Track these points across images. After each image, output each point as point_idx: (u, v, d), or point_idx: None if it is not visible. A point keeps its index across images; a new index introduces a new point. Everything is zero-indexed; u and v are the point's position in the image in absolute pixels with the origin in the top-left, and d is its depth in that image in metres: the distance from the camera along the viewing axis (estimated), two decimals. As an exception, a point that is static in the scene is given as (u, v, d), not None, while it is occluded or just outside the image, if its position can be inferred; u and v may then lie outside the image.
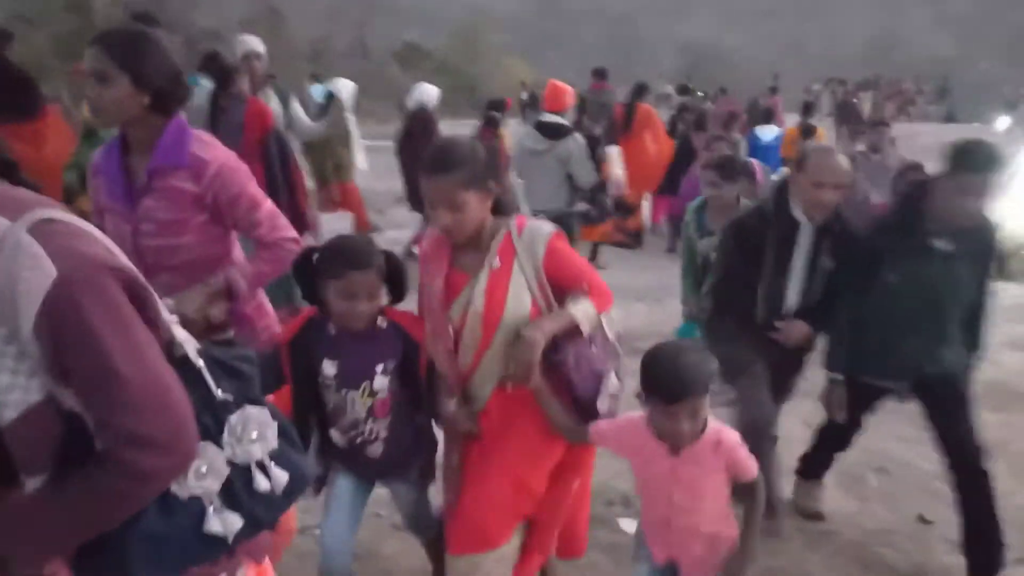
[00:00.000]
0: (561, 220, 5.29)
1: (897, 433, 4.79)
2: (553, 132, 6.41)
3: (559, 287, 2.53)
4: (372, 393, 2.62)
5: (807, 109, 13.03)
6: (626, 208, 8.66)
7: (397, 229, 10.12)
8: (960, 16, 68.77)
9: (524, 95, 23.72)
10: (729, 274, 3.68)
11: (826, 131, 12.62)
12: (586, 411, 2.55)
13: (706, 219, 4.80)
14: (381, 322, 2.65)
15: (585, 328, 2.46)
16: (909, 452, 4.63)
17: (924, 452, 4.05)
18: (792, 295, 3.56)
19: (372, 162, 11.90)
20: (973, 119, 25.06)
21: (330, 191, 7.34)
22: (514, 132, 9.17)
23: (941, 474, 3.54)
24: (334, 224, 6.94)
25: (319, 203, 7.55)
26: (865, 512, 4.07)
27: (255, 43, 5.93)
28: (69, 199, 6.07)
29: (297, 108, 6.17)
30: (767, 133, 11.08)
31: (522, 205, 7.30)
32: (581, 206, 6.62)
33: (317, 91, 22.36)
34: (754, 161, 5.84)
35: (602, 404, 2.54)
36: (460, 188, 2.38)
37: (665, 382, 2.19)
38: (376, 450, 2.70)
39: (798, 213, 3.45)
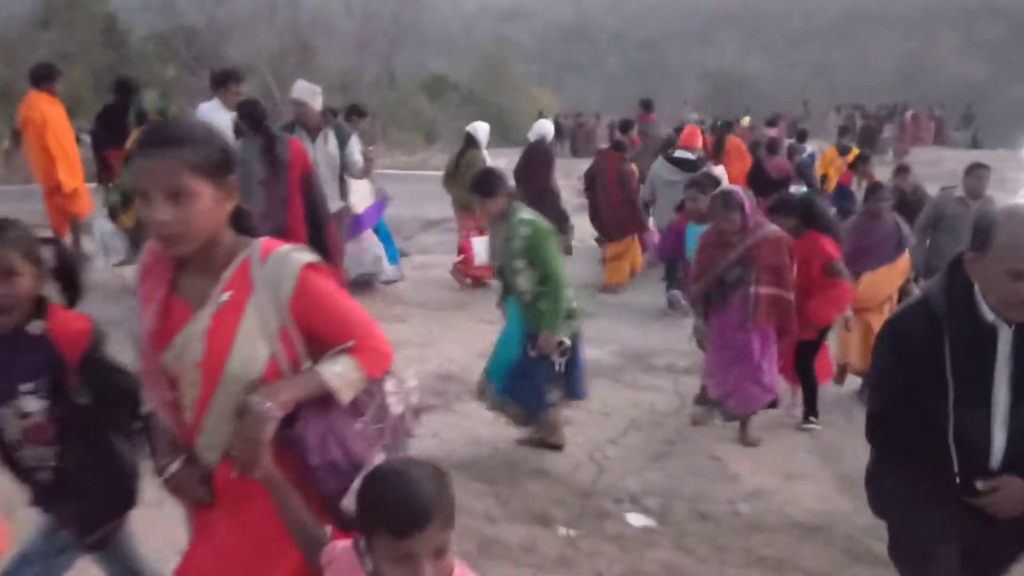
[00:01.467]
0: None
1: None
2: (686, 165, 7.85)
3: (318, 339, 1.86)
4: (24, 415, 2.14)
5: (843, 132, 14.17)
6: None
7: (423, 254, 10.39)
8: (990, 42, 68.36)
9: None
10: (892, 405, 2.45)
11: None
12: (331, 512, 1.85)
13: None
14: (34, 327, 2.15)
15: (343, 396, 1.82)
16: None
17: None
18: (999, 437, 2.29)
19: (399, 190, 12.23)
20: (999, 145, 24.93)
21: (475, 218, 8.03)
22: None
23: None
24: (478, 247, 7.87)
25: (463, 228, 8.39)
26: (859, 511, 4.14)
27: (301, 91, 6.22)
28: (114, 215, 6.59)
29: (353, 148, 6.34)
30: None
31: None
32: None
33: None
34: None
35: (348, 503, 1.76)
36: (187, 171, 1.69)
37: (395, 506, 1.52)
38: (44, 477, 2.25)
39: (987, 311, 2.24)
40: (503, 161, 8.47)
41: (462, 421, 5.08)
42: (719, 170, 8.99)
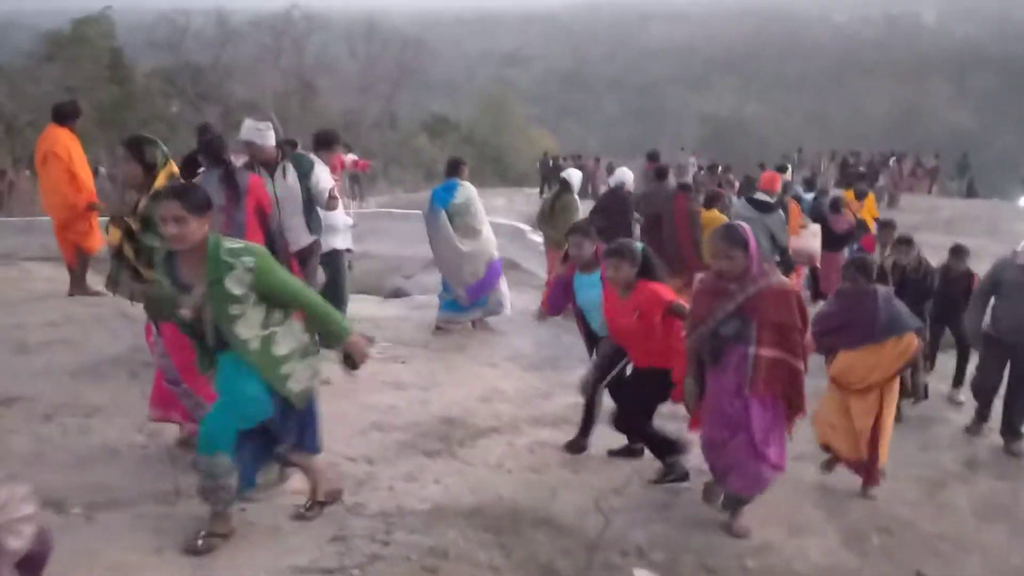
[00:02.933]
0: None
1: (903, 497, 4.85)
2: (764, 207, 8.35)
3: None
4: None
5: (861, 177, 14.13)
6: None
7: (424, 293, 10.37)
8: (982, 91, 69.59)
9: (549, 162, 24.43)
10: None
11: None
12: None
13: None
14: None
15: None
16: (913, 513, 4.69)
17: (929, 514, 4.12)
18: None
19: (399, 229, 12.24)
20: (991, 194, 25.19)
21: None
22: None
23: (944, 535, 3.61)
24: None
25: (552, 268, 8.68)
26: (865, 567, 4.13)
27: (247, 132, 5.82)
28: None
29: (317, 179, 6.13)
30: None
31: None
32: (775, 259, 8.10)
33: (348, 161, 23.21)
34: None
35: None
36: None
37: None
38: None
39: None
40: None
41: (465, 467, 5.02)
42: (815, 227, 9.73)
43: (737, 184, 15.21)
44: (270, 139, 5.66)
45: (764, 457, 4.00)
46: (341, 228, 6.52)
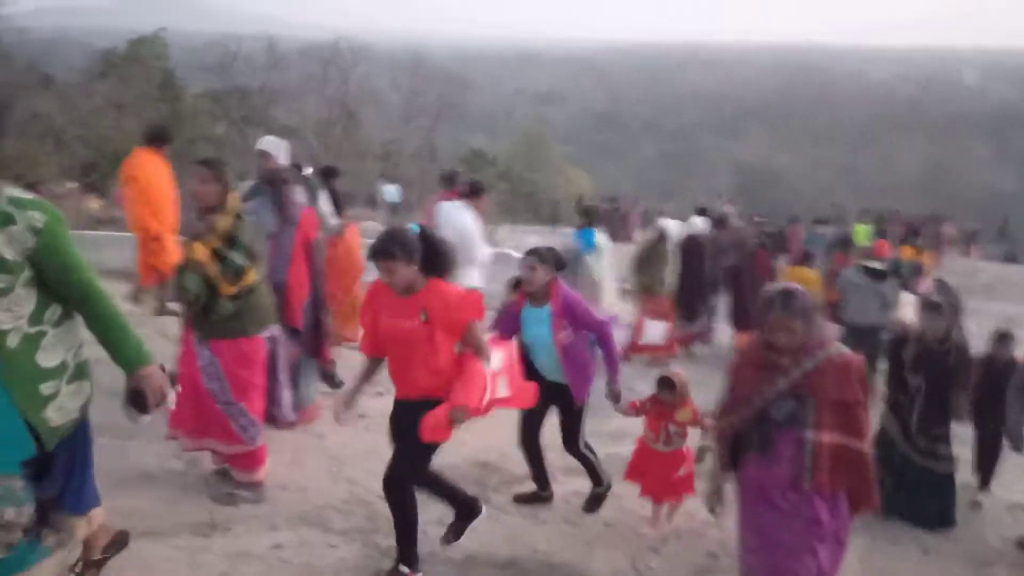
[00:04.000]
0: (872, 331, 7.37)
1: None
2: (876, 274, 8.31)
3: None
4: None
5: (916, 232, 14.29)
6: None
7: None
8: (1019, 151, 68.93)
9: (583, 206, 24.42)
10: None
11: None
12: None
13: None
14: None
15: None
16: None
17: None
18: None
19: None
20: (1034, 259, 24.82)
21: (655, 302, 8.69)
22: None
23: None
24: (653, 329, 8.54)
25: (643, 310, 8.85)
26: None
27: (267, 143, 5.92)
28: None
29: (322, 206, 6.44)
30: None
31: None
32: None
33: (389, 192, 23.25)
34: None
35: None
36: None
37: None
38: None
39: None
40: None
41: (501, 515, 4.99)
42: (911, 299, 9.55)
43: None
44: (283, 156, 5.75)
45: (832, 556, 3.35)
46: (478, 265, 6.71)
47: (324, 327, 5.64)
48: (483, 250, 6.73)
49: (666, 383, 4.65)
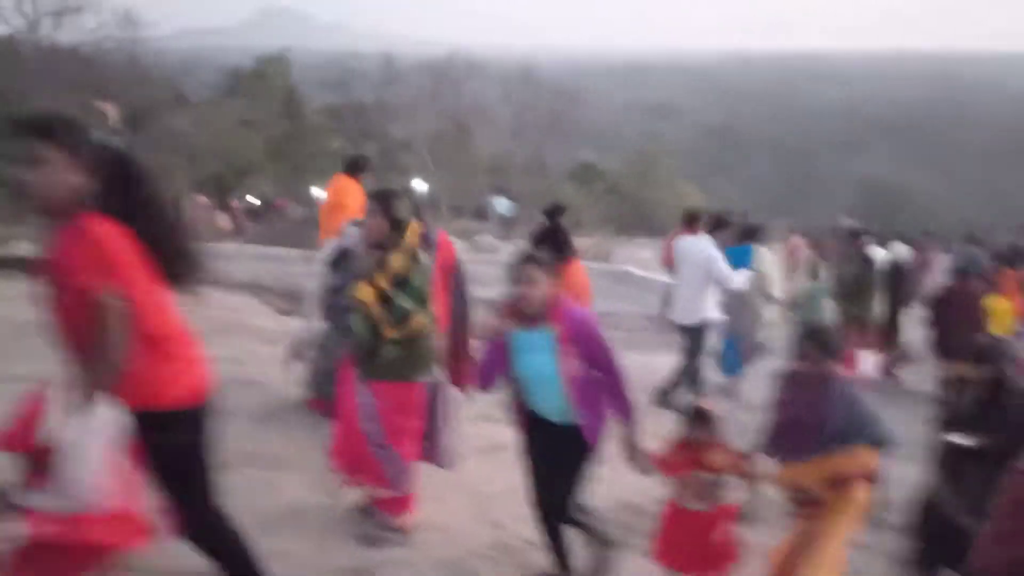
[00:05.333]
0: None
1: None
2: None
3: None
4: None
5: None
6: None
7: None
8: None
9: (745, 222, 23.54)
10: None
11: None
12: None
13: None
14: None
15: None
16: None
17: None
18: None
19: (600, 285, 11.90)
20: None
21: (865, 333, 8.40)
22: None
23: None
24: (868, 362, 8.05)
25: (852, 342, 8.41)
26: None
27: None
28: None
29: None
30: None
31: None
32: None
33: (501, 204, 23.27)
34: None
35: None
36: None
37: None
38: None
39: None
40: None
41: (654, 569, 4.41)
42: None
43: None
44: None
45: None
46: (718, 300, 6.62)
47: (464, 357, 5.36)
48: (727, 277, 6.60)
49: (699, 416, 3.47)
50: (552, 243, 6.79)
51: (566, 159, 37.83)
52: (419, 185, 23.19)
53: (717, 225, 6.86)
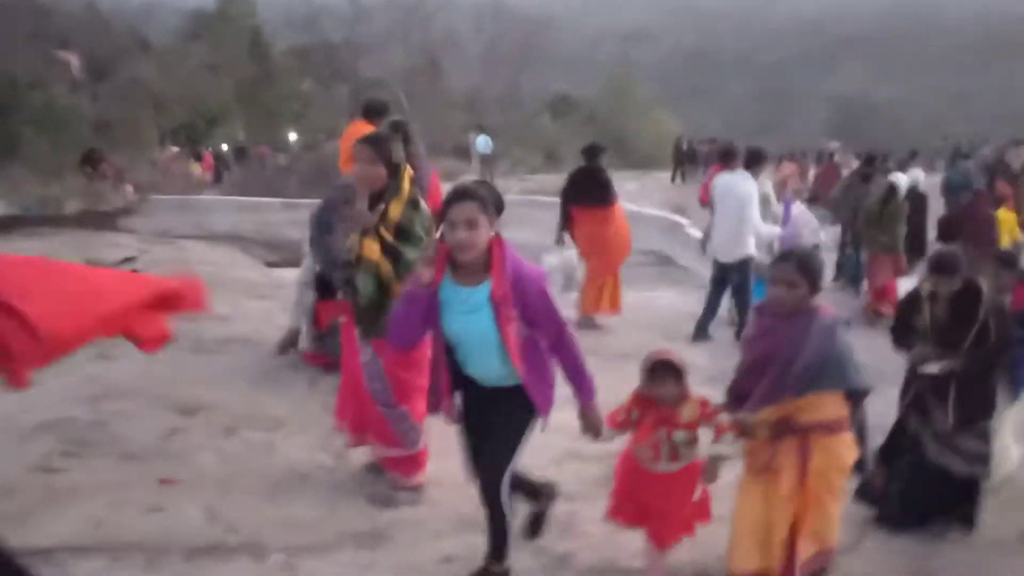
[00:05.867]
0: None
1: None
2: None
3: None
4: None
5: None
6: None
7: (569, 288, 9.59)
8: None
9: (684, 146, 23.14)
10: None
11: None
12: None
13: None
14: None
15: None
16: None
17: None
18: None
19: (527, 216, 11.54)
20: None
21: (897, 260, 8.15)
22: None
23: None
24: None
25: (878, 272, 8.25)
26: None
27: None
28: None
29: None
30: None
31: None
32: None
33: (481, 142, 22.70)
34: None
35: None
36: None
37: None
38: None
39: None
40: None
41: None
42: None
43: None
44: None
45: None
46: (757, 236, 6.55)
47: None
48: (763, 222, 6.57)
49: (663, 370, 2.97)
50: (595, 186, 6.70)
51: (540, 90, 37.24)
52: (484, 139, 22.25)
53: (753, 160, 6.73)
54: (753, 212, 6.34)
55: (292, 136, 25.58)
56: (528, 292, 2.75)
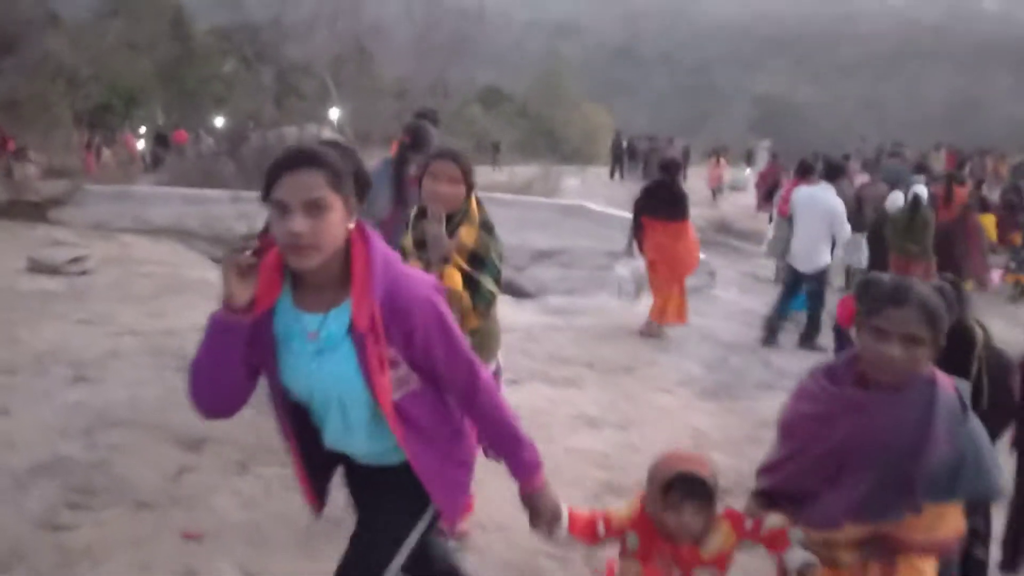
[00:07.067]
0: None
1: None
2: None
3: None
4: None
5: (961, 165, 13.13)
6: None
7: (541, 291, 9.11)
8: (1046, 83, 67.15)
9: (623, 143, 23.27)
10: None
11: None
12: None
13: None
14: None
15: None
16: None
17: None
18: None
19: (504, 215, 11.22)
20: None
21: (927, 268, 8.36)
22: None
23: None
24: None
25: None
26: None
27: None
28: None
29: None
30: None
31: None
32: None
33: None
34: None
35: None
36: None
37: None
38: None
39: None
40: None
41: None
42: None
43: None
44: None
45: None
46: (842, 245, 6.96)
47: None
48: (847, 230, 6.87)
49: (686, 490, 2.01)
50: (670, 200, 6.70)
51: (467, 82, 37.07)
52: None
53: (833, 172, 7.00)
54: (844, 225, 6.71)
55: (219, 121, 24.77)
56: (414, 317, 1.72)
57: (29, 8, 26.05)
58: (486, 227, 2.93)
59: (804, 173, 7.25)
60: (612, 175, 22.40)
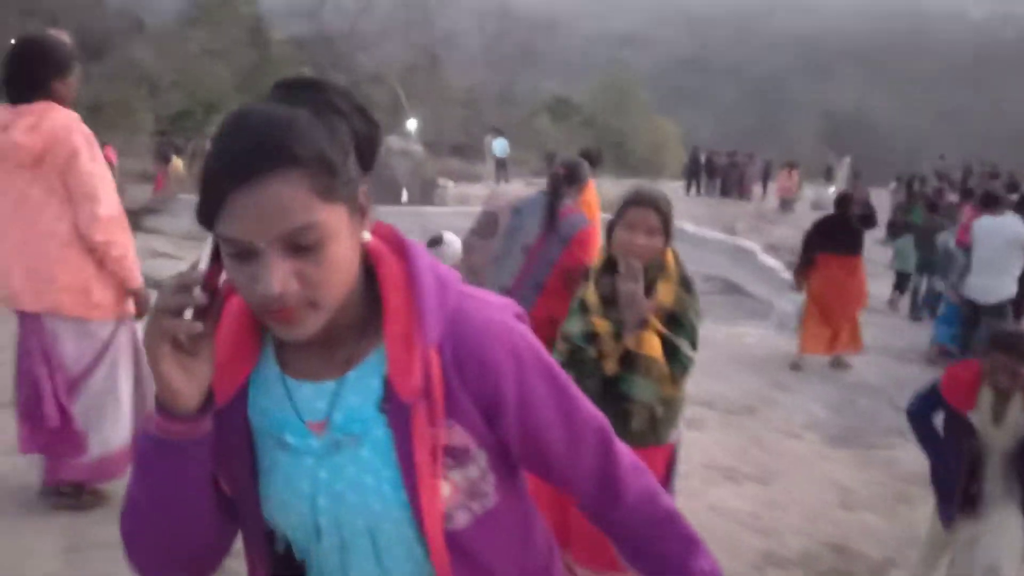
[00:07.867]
0: None
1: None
2: None
3: None
4: None
5: None
6: None
7: None
8: None
9: (700, 158, 22.22)
10: None
11: None
12: None
13: None
14: None
15: None
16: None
17: None
18: None
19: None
20: None
21: None
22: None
23: None
24: None
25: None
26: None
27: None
28: None
29: None
30: None
31: None
32: None
33: (498, 145, 21.53)
34: None
35: None
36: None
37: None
38: None
39: None
40: None
41: None
42: None
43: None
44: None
45: None
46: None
47: None
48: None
49: None
50: (847, 235, 6.77)
51: (534, 91, 37.08)
52: (501, 143, 20.68)
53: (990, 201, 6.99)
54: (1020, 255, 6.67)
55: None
56: (501, 367, 0.97)
57: (116, 16, 27.03)
58: (684, 283, 2.54)
59: (988, 204, 7.13)
60: (688, 190, 21.69)
